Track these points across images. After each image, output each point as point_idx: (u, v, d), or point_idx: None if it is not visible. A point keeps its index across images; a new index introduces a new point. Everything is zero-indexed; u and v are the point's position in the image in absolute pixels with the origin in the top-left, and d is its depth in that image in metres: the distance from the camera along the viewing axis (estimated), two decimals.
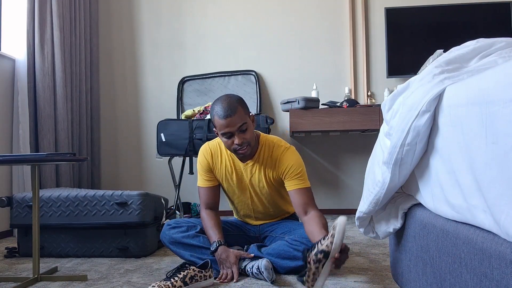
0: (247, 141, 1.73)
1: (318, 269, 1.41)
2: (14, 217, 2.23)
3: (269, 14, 3.67)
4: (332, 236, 1.40)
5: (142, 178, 3.74)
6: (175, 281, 1.53)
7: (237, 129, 1.69)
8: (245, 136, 1.72)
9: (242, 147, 1.72)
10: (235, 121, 1.68)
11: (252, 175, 1.87)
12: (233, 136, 1.71)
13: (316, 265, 1.41)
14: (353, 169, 3.55)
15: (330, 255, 1.40)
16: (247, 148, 1.74)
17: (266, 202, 1.93)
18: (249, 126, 1.73)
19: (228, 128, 1.68)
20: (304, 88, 3.51)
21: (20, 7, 2.92)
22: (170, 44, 3.74)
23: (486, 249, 0.78)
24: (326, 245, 1.41)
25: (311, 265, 1.41)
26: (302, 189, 1.79)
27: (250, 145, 1.75)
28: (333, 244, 1.39)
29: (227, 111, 1.68)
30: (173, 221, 1.91)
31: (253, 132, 1.78)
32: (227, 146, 1.76)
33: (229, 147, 1.76)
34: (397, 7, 3.44)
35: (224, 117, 1.67)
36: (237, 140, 1.70)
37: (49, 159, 1.72)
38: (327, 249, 1.40)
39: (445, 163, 0.97)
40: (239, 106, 1.72)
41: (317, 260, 1.41)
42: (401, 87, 1.23)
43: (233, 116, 1.67)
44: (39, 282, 1.74)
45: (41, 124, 2.93)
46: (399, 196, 1.37)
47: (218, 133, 1.75)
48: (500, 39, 1.12)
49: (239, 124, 1.69)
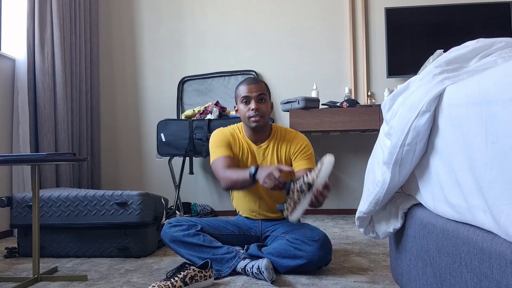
0: (262, 112, 1.86)
1: (300, 199, 1.51)
2: (14, 217, 2.23)
3: (269, 14, 3.67)
4: (318, 171, 1.49)
5: (142, 178, 3.74)
6: (175, 281, 1.53)
7: (256, 95, 1.85)
8: (261, 106, 1.86)
9: (256, 115, 1.84)
10: (256, 88, 1.87)
11: (265, 158, 1.93)
12: (250, 102, 1.85)
13: (298, 195, 1.51)
14: (353, 169, 3.55)
15: (313, 187, 1.49)
16: (261, 119, 1.86)
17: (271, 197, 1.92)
18: (267, 101, 1.89)
19: (248, 93, 1.86)
20: (304, 88, 3.51)
21: (20, 7, 2.92)
22: (170, 44, 3.74)
23: (486, 249, 0.78)
24: (312, 178, 1.50)
25: (294, 194, 1.51)
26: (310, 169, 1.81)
27: (263, 117, 1.87)
28: (318, 178, 1.48)
29: (252, 80, 1.91)
30: (174, 220, 1.91)
31: (269, 111, 1.91)
32: (243, 114, 1.88)
33: (244, 115, 1.88)
34: (397, 7, 3.44)
35: (248, 83, 1.88)
36: (253, 105, 1.84)
37: (49, 159, 1.72)
38: (312, 181, 1.49)
39: (445, 163, 0.97)
40: (264, 84, 1.94)
41: (301, 190, 1.50)
42: (401, 87, 1.23)
43: (256, 84, 1.88)
44: (39, 282, 1.74)
45: (41, 124, 2.93)
46: (399, 196, 1.37)
47: (238, 102, 1.90)
48: (500, 39, 1.13)
49: (259, 92, 1.86)
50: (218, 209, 3.63)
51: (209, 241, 1.82)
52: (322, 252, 1.71)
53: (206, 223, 1.92)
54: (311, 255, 1.70)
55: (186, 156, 3.20)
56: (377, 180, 1.26)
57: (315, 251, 1.71)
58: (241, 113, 1.90)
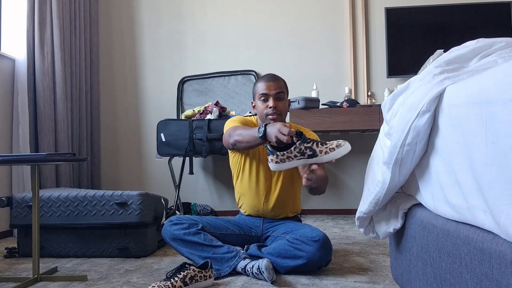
0: (279, 110, 1.86)
1: (295, 158, 1.44)
2: (14, 217, 2.23)
3: (269, 14, 3.67)
4: (331, 149, 1.41)
5: (142, 178, 3.74)
6: (175, 281, 1.53)
7: (275, 93, 1.85)
8: (279, 103, 1.86)
9: (274, 113, 1.84)
10: (275, 86, 1.86)
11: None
12: (269, 100, 1.85)
13: (296, 154, 1.44)
14: (353, 169, 3.55)
15: (315, 159, 1.42)
16: (278, 117, 1.85)
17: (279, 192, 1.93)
18: (285, 99, 1.89)
19: (267, 90, 1.85)
20: (304, 88, 3.51)
21: (20, 7, 2.92)
22: (170, 44, 3.74)
23: (486, 249, 0.78)
24: (320, 150, 1.42)
25: (293, 150, 1.44)
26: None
27: (281, 115, 1.87)
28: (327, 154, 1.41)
29: (270, 77, 1.89)
30: (175, 218, 1.90)
31: (287, 109, 1.92)
32: (260, 111, 1.88)
33: (261, 112, 1.87)
34: (397, 7, 3.44)
35: (267, 80, 1.87)
36: (271, 103, 1.84)
37: (49, 159, 1.72)
38: (318, 153, 1.42)
39: (445, 163, 0.97)
40: (283, 81, 1.92)
41: (302, 151, 1.44)
42: (401, 87, 1.23)
43: (275, 82, 1.87)
44: (39, 282, 1.74)
45: (41, 124, 2.93)
46: (399, 196, 1.37)
47: (256, 98, 1.89)
48: (500, 39, 1.12)
49: (278, 90, 1.86)
50: (218, 209, 3.63)
51: (210, 240, 1.82)
52: (322, 253, 1.71)
53: (207, 222, 1.92)
54: (311, 255, 1.70)
55: (186, 156, 3.20)
56: (377, 180, 1.26)
57: (315, 251, 1.70)
58: (259, 110, 1.89)
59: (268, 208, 1.97)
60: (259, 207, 1.98)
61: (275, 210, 1.97)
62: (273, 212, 1.97)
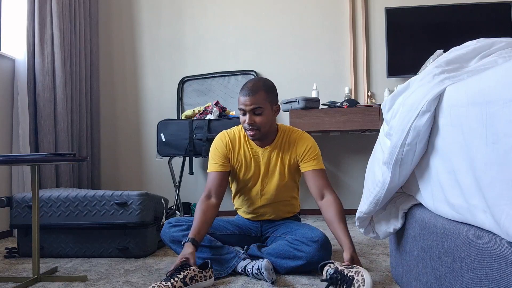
0: (257, 125, 1.77)
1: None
2: (14, 217, 2.23)
3: (269, 14, 3.67)
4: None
5: (142, 178, 3.74)
6: (175, 281, 1.53)
7: (250, 109, 1.75)
8: (256, 119, 1.77)
9: (250, 129, 1.78)
10: (251, 101, 1.75)
11: (270, 161, 1.89)
12: (246, 115, 1.78)
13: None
14: (353, 169, 3.55)
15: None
16: (255, 132, 1.79)
17: (275, 196, 1.92)
18: (264, 112, 1.77)
19: (243, 105, 1.77)
20: (304, 88, 3.51)
21: (20, 7, 2.92)
22: (170, 44, 3.74)
23: (487, 249, 0.78)
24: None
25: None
26: (319, 170, 1.83)
27: (259, 131, 1.79)
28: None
29: (247, 90, 1.76)
30: (174, 219, 1.90)
31: (269, 120, 1.81)
32: (241, 122, 1.82)
33: (242, 124, 1.82)
34: (397, 7, 3.44)
35: (243, 95, 1.76)
36: (247, 119, 1.77)
37: (49, 159, 1.72)
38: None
39: (445, 163, 0.97)
40: (263, 91, 1.77)
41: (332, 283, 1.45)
42: (401, 87, 1.23)
43: (251, 96, 1.74)
44: (39, 282, 1.74)
45: (41, 124, 2.93)
46: (399, 196, 1.37)
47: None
48: (500, 39, 1.12)
49: (253, 106, 1.75)
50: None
51: (209, 241, 1.82)
52: (321, 253, 1.71)
53: None
54: (310, 256, 1.70)
55: (186, 156, 3.20)
56: (377, 180, 1.26)
57: (314, 252, 1.70)
58: (240, 121, 1.83)
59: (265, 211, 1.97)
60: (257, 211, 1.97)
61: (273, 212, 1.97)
62: (271, 213, 1.97)
